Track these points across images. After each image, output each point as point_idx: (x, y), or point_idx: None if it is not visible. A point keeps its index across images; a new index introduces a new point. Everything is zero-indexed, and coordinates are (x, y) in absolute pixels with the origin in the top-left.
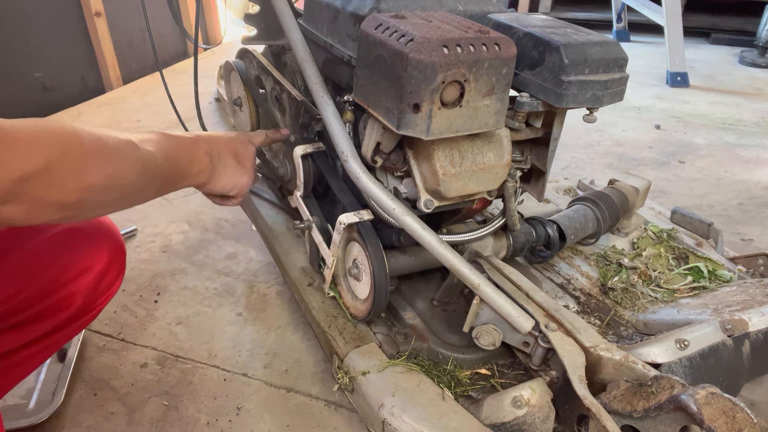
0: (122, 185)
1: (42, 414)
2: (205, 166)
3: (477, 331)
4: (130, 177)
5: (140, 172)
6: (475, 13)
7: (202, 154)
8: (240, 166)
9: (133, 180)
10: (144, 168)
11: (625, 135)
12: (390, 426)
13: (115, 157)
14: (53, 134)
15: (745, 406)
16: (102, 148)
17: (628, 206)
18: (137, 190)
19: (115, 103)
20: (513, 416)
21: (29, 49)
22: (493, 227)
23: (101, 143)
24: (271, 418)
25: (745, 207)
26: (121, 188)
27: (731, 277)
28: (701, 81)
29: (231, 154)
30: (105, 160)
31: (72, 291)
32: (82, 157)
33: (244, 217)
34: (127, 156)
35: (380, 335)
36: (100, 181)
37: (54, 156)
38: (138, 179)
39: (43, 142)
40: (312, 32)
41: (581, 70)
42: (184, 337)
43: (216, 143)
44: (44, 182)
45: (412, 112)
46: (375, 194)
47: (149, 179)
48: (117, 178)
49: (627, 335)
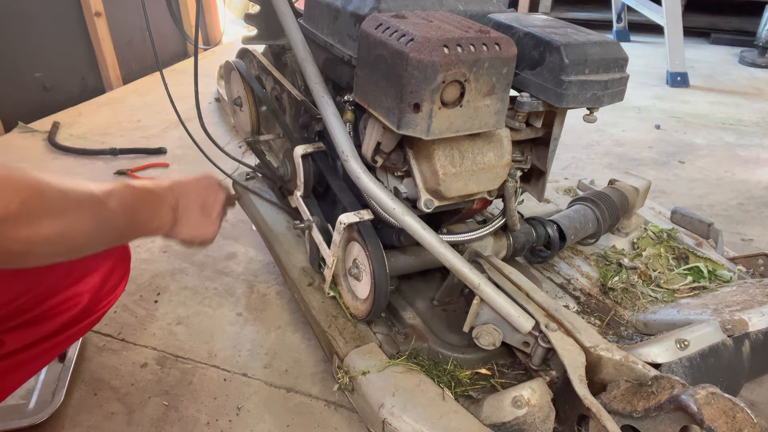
0: (73, 239)
1: (42, 414)
2: (167, 221)
3: (477, 331)
4: (82, 231)
5: (94, 227)
6: (476, 13)
7: (166, 210)
8: (205, 217)
9: (86, 234)
10: (99, 224)
11: (625, 135)
12: (390, 426)
13: (72, 212)
14: (16, 184)
15: (745, 406)
16: (61, 202)
17: (628, 206)
18: (87, 244)
19: (115, 103)
20: (513, 416)
21: (29, 49)
22: (493, 227)
23: (62, 196)
24: (271, 418)
25: (745, 207)
26: (71, 241)
27: (731, 277)
28: (701, 81)
29: (198, 205)
30: (61, 214)
31: (76, 292)
32: (39, 209)
33: (244, 217)
34: (84, 211)
35: (380, 335)
36: (52, 235)
37: (11, 206)
38: (91, 234)
39: (3, 191)
40: (312, 32)
41: (581, 70)
42: (184, 337)
43: (185, 194)
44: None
45: (413, 112)
46: (375, 194)
47: (103, 233)
48: (69, 232)
49: (627, 335)
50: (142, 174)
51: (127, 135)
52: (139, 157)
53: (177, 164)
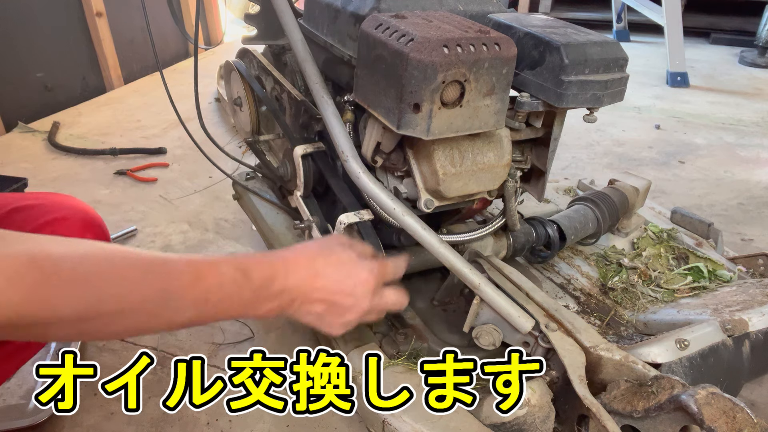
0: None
1: (42, 414)
2: (264, 316)
3: (477, 331)
4: (116, 332)
5: (136, 330)
6: (476, 13)
7: (265, 310)
8: (325, 321)
9: (121, 333)
10: (145, 328)
11: (625, 135)
12: (390, 426)
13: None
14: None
15: (745, 406)
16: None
17: (628, 206)
18: (127, 335)
19: (116, 103)
20: (513, 416)
21: (30, 49)
22: (493, 227)
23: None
24: (271, 418)
25: (745, 207)
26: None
27: (731, 277)
28: (701, 81)
29: (322, 306)
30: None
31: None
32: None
33: (244, 217)
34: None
35: (380, 335)
36: (68, 336)
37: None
38: (129, 333)
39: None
40: (312, 32)
41: (581, 70)
42: (184, 336)
43: (308, 291)
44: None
45: (413, 112)
46: (375, 194)
47: (148, 331)
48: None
49: (627, 335)
50: (142, 174)
51: (127, 135)
52: (139, 157)
53: (177, 164)
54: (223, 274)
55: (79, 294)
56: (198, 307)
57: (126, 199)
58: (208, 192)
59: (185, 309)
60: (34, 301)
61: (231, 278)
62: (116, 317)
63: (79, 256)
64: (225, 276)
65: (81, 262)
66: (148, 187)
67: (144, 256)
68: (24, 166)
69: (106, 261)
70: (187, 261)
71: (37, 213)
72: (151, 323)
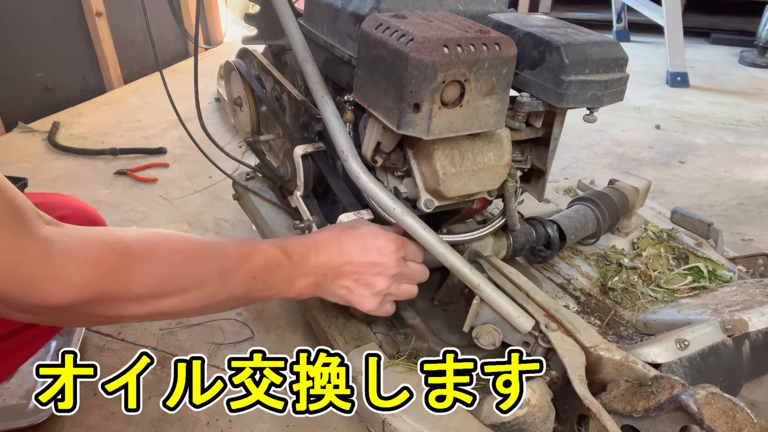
0: (180, 313)
1: (42, 414)
2: (304, 293)
3: (477, 331)
4: (194, 307)
5: (207, 303)
6: (476, 13)
7: (304, 285)
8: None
9: (195, 309)
10: (215, 299)
11: (625, 135)
12: (390, 426)
13: (192, 290)
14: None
15: (745, 406)
16: (182, 281)
17: (628, 206)
18: (190, 315)
19: (116, 103)
20: (513, 416)
21: (30, 49)
22: (493, 227)
23: (184, 275)
24: (271, 418)
25: (745, 207)
26: (176, 315)
27: (731, 277)
28: (701, 81)
29: (351, 278)
30: (180, 292)
31: None
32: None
33: (244, 217)
34: (205, 290)
35: (380, 335)
36: (160, 312)
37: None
38: (201, 308)
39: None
40: (312, 32)
41: (581, 70)
42: (184, 337)
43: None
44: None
45: (413, 112)
46: (375, 194)
47: (214, 306)
48: (179, 309)
49: (627, 335)
50: (142, 174)
51: (127, 135)
52: (139, 157)
53: (177, 164)
54: (265, 252)
55: (149, 270)
56: (249, 284)
57: (126, 199)
58: (208, 192)
59: (238, 285)
60: (111, 278)
61: (273, 256)
62: (182, 294)
63: (146, 239)
64: (268, 254)
65: (148, 244)
66: (148, 187)
67: (197, 240)
68: (24, 166)
69: (168, 243)
70: (232, 243)
71: None
72: (213, 300)
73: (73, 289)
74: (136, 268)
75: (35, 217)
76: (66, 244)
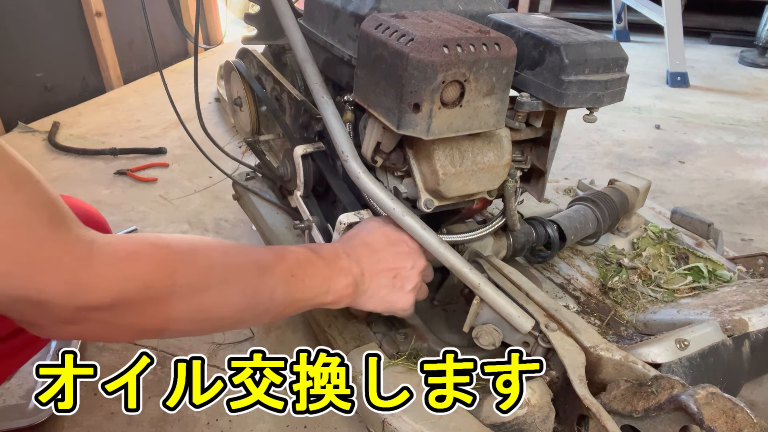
0: (215, 319)
1: (42, 414)
2: (345, 295)
3: (477, 331)
4: (227, 312)
5: (244, 308)
6: (476, 13)
7: (345, 284)
8: (397, 290)
9: (231, 315)
10: (251, 304)
11: (625, 135)
12: (390, 426)
13: (217, 289)
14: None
15: (745, 406)
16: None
17: (628, 206)
18: (235, 322)
19: (115, 103)
20: (513, 416)
21: (30, 49)
22: (493, 227)
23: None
24: (272, 418)
25: (745, 207)
26: (213, 321)
27: (731, 277)
28: (701, 81)
29: (389, 276)
30: (200, 292)
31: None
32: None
33: (244, 217)
34: (234, 288)
35: (380, 335)
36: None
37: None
38: (239, 314)
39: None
40: (312, 32)
41: (581, 70)
42: (184, 337)
43: (373, 262)
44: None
45: (413, 112)
46: (375, 194)
47: (255, 314)
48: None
49: (627, 335)
50: (142, 174)
51: (127, 135)
52: (139, 157)
53: (177, 164)
54: (295, 252)
55: (190, 260)
56: (288, 283)
57: (126, 199)
58: (208, 192)
59: (278, 283)
60: (154, 269)
61: (304, 255)
62: (224, 287)
63: (182, 237)
64: (298, 253)
65: (186, 241)
66: (148, 187)
67: (230, 242)
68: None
69: (202, 241)
70: (263, 247)
71: None
72: (257, 297)
73: (118, 283)
74: (177, 260)
75: (74, 218)
76: (106, 240)
